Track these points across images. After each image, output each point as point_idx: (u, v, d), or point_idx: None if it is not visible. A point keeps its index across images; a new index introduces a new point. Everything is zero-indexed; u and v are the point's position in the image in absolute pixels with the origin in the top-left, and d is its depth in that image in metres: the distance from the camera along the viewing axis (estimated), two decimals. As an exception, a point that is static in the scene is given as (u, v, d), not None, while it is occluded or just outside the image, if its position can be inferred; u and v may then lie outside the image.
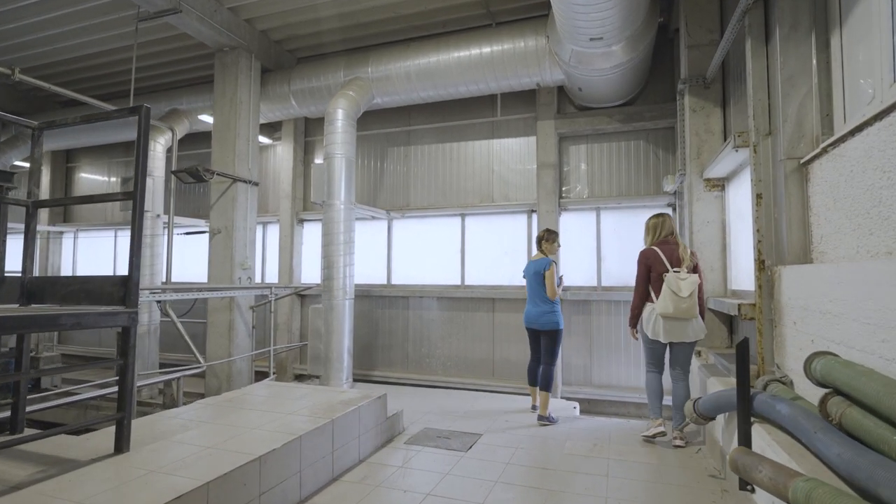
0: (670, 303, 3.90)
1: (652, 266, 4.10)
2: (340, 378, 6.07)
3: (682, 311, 3.91)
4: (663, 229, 4.21)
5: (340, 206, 6.21)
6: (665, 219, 4.25)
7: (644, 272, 4.15)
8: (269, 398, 3.92)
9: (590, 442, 4.11)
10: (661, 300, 3.95)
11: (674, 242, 4.15)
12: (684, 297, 3.89)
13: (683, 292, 3.90)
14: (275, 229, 8.58)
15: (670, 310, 3.91)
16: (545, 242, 5.05)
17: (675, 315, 3.92)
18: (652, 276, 4.10)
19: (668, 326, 3.96)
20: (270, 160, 8.79)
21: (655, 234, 4.24)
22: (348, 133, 6.32)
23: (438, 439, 4.15)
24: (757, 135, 3.52)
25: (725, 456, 3.34)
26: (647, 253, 4.17)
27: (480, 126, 7.42)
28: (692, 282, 3.93)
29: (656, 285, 4.06)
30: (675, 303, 3.90)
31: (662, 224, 4.23)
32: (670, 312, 3.91)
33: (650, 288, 4.14)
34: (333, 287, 6.14)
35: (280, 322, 8.09)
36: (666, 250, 4.09)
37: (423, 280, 7.63)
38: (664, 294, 3.94)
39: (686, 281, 3.93)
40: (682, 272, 3.99)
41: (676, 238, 4.20)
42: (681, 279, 3.94)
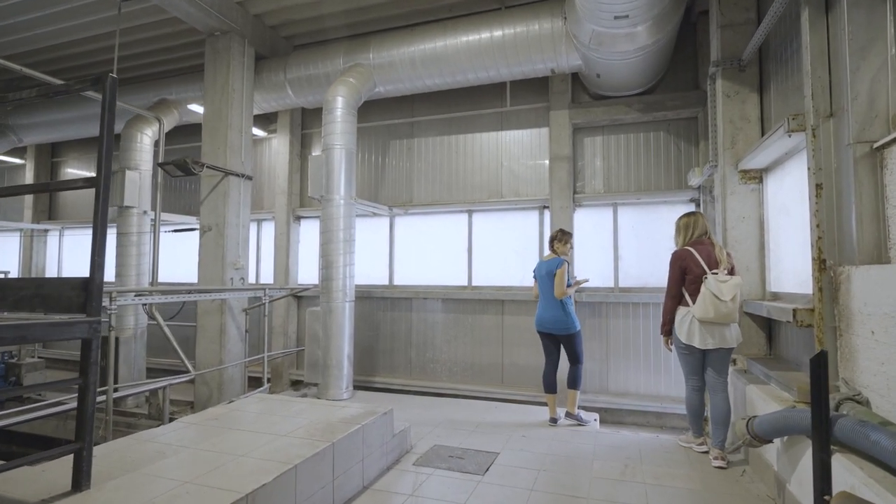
0: (711, 307, 3.59)
1: (687, 268, 3.78)
2: (340, 386, 5.63)
3: (723, 316, 3.61)
4: (696, 228, 3.91)
5: (340, 201, 5.76)
6: (698, 217, 3.95)
7: (678, 274, 3.83)
8: (260, 415, 3.48)
9: (620, 462, 3.68)
10: (701, 304, 3.63)
11: (709, 243, 3.84)
12: (726, 301, 3.59)
13: (726, 296, 3.59)
14: (270, 227, 8.13)
15: (711, 315, 3.60)
16: (557, 243, 4.91)
17: (715, 320, 3.62)
18: (687, 279, 3.78)
19: (707, 331, 3.67)
20: (265, 154, 8.34)
21: (688, 233, 3.93)
22: (348, 123, 5.88)
23: (451, 459, 3.72)
24: (816, 117, 3.09)
25: (784, 484, 2.92)
26: (681, 254, 3.84)
27: (489, 117, 6.98)
28: (735, 284, 3.64)
29: (691, 288, 3.76)
30: (717, 307, 3.59)
31: (695, 223, 3.92)
32: (711, 317, 3.61)
33: (684, 291, 3.81)
34: (332, 288, 5.70)
35: (276, 325, 7.64)
36: (701, 251, 3.78)
37: (428, 280, 7.20)
38: (704, 298, 3.63)
39: (728, 283, 3.62)
40: (721, 274, 3.68)
41: (711, 238, 3.90)
42: (721, 282, 3.62)
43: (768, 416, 2.78)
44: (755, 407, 3.51)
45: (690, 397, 3.92)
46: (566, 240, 4.89)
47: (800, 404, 3.08)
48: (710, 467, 3.57)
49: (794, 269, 3.80)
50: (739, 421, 3.04)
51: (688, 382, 3.92)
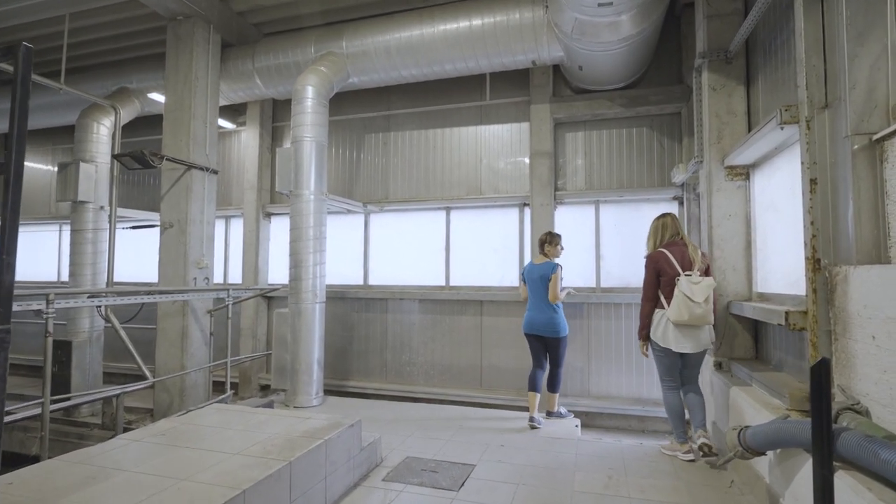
0: (684, 309, 3.59)
1: (661, 270, 3.80)
2: (309, 393, 5.32)
3: (696, 318, 3.60)
4: (668, 230, 3.95)
5: (310, 196, 5.45)
6: (670, 218, 3.99)
7: (653, 277, 3.85)
8: (215, 429, 3.16)
9: (603, 473, 3.48)
10: (674, 307, 3.63)
11: (682, 243, 3.87)
12: (699, 303, 3.58)
13: (698, 297, 3.58)
14: (239, 224, 7.75)
15: (685, 317, 3.60)
16: (548, 246, 4.94)
17: (689, 322, 3.62)
18: (662, 281, 3.80)
19: (681, 334, 3.67)
20: (234, 147, 7.95)
21: (658, 236, 3.98)
22: (319, 114, 5.57)
23: (424, 473, 3.46)
24: (811, 108, 2.92)
25: (778, 499, 2.74)
26: (655, 256, 3.86)
27: (467, 111, 6.73)
28: (707, 285, 3.63)
29: (666, 290, 3.76)
30: (690, 309, 3.58)
31: (666, 225, 3.96)
32: (685, 320, 3.60)
33: (660, 293, 3.83)
34: (301, 289, 5.38)
35: (244, 327, 7.28)
36: (675, 252, 3.80)
37: (404, 280, 6.92)
38: (677, 300, 3.63)
39: (700, 285, 3.62)
40: (694, 275, 3.68)
41: (685, 239, 3.92)
42: (694, 283, 3.63)
43: (762, 428, 2.59)
44: (743, 414, 3.34)
45: (668, 398, 3.89)
46: (556, 241, 4.93)
47: (793, 412, 2.92)
48: (697, 479, 3.39)
49: (783, 269, 3.65)
50: (730, 431, 2.85)
51: (663, 383, 3.92)
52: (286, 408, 5.25)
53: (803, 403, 2.95)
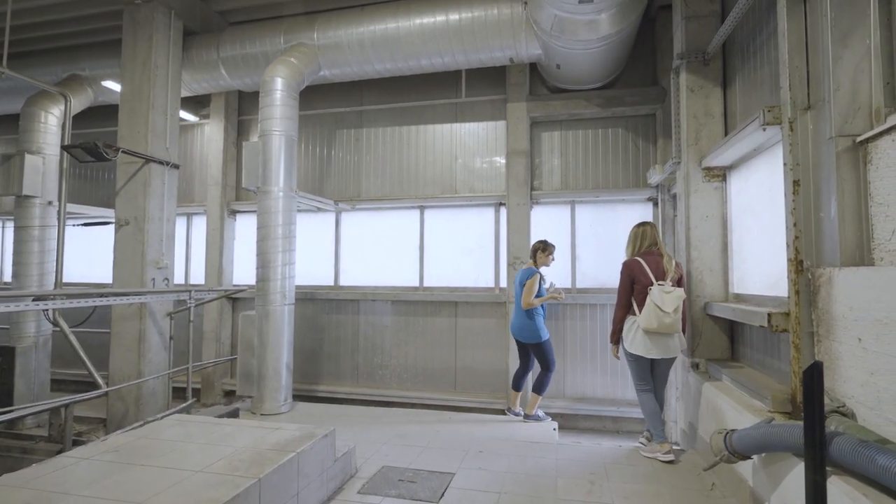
0: (654, 318, 3.68)
1: (636, 278, 3.88)
2: (277, 399, 5.07)
3: (665, 327, 3.69)
4: (645, 239, 4.01)
5: (279, 193, 5.20)
6: (647, 228, 4.05)
7: (628, 284, 3.93)
8: (174, 443, 2.92)
9: (585, 479, 3.40)
10: (645, 315, 3.73)
11: (658, 253, 3.95)
12: (668, 312, 3.66)
13: (668, 307, 3.67)
14: (201, 222, 7.38)
15: (654, 325, 3.69)
16: (540, 253, 5.04)
17: (659, 330, 3.71)
18: (635, 289, 3.88)
19: (651, 341, 3.78)
20: (196, 141, 7.56)
21: (636, 244, 4.04)
22: (289, 107, 5.32)
23: (401, 484, 3.30)
24: (794, 109, 2.91)
25: (764, 502, 2.71)
26: (630, 264, 3.94)
27: (442, 108, 6.60)
28: (677, 296, 3.72)
29: (639, 298, 3.85)
30: (659, 318, 3.67)
31: (644, 234, 4.03)
32: (654, 328, 3.70)
33: (633, 300, 3.92)
34: (269, 290, 5.13)
35: (207, 330, 6.93)
36: (650, 261, 3.89)
37: (377, 281, 6.73)
38: (648, 308, 3.72)
39: (671, 295, 3.70)
40: (666, 285, 3.76)
41: (661, 249, 3.99)
42: (665, 293, 3.70)
43: (750, 432, 2.55)
44: (724, 417, 3.32)
45: (644, 400, 3.97)
46: (549, 251, 5.02)
47: (776, 415, 2.92)
48: (678, 482, 3.35)
49: (760, 271, 3.66)
50: (716, 435, 2.81)
51: (637, 386, 4.01)
52: (252, 416, 4.98)
53: (785, 405, 2.95)
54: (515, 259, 5.97)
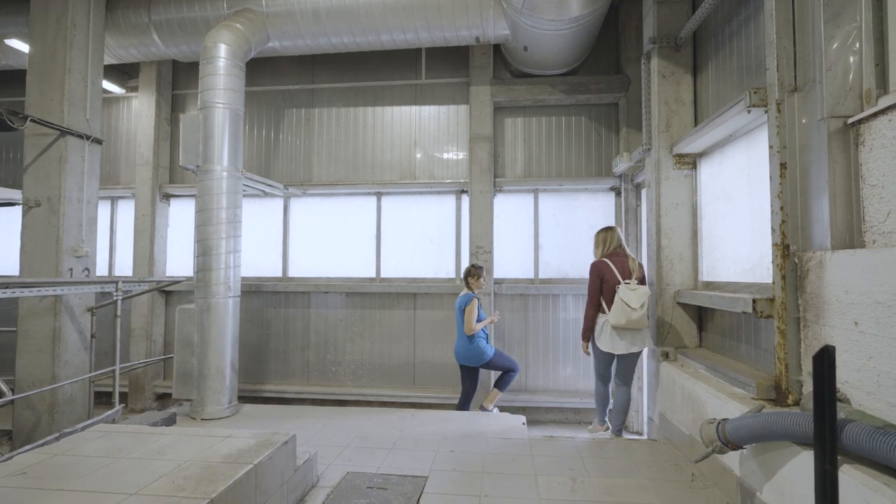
0: (622, 315, 3.93)
1: (604, 278, 4.10)
2: (220, 402, 4.57)
3: (633, 322, 3.93)
4: (612, 241, 4.25)
5: (222, 173, 4.67)
6: (614, 231, 4.30)
7: (597, 284, 4.13)
8: (102, 459, 2.44)
9: (565, 476, 3.23)
10: (614, 312, 3.97)
11: (623, 254, 4.20)
12: (636, 308, 3.92)
13: (634, 303, 3.92)
14: (129, 206, 6.61)
15: (622, 321, 3.94)
16: (471, 278, 4.95)
17: (627, 326, 3.96)
18: (604, 288, 4.11)
19: (619, 336, 4.02)
20: (122, 116, 6.76)
21: (605, 246, 4.26)
22: (234, 77, 4.79)
23: (370, 492, 2.98)
24: (781, 90, 2.85)
25: (754, 493, 2.64)
26: (598, 265, 4.16)
27: (401, 89, 6.25)
28: (643, 293, 3.97)
29: (607, 296, 4.08)
30: (627, 314, 3.92)
31: (612, 237, 4.27)
32: (622, 324, 3.95)
33: (602, 299, 4.13)
34: (211, 280, 4.60)
35: (136, 327, 6.22)
36: (616, 262, 4.13)
37: (329, 272, 6.30)
38: (617, 306, 3.96)
39: (637, 292, 3.95)
40: (632, 283, 4.02)
41: (625, 250, 4.25)
42: (631, 290, 3.96)
43: (747, 421, 2.45)
44: (704, 406, 3.26)
45: (600, 390, 4.37)
46: (478, 274, 4.92)
47: (761, 401, 2.86)
48: (658, 475, 3.26)
49: (735, 258, 3.64)
50: (706, 425, 2.70)
51: (597, 375, 4.33)
52: (193, 421, 4.46)
53: (770, 392, 2.91)
54: (478, 248, 5.76)
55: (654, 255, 4.35)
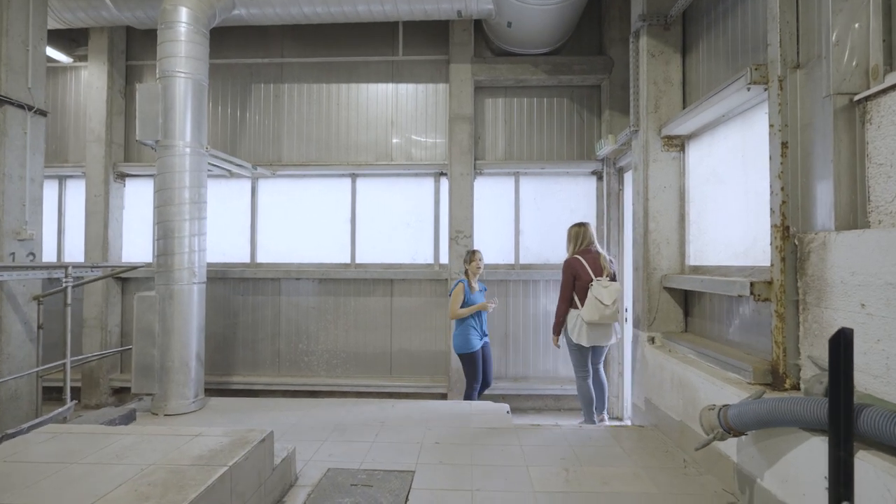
0: (596, 311, 4.07)
1: (578, 275, 4.21)
2: (185, 395, 4.26)
3: (605, 318, 4.09)
4: (585, 239, 4.34)
5: (185, 149, 4.30)
6: (587, 228, 4.39)
7: (570, 280, 4.24)
8: (51, 466, 2.15)
9: (557, 466, 3.12)
10: (588, 309, 4.10)
11: (595, 252, 4.31)
12: (608, 305, 4.07)
13: (607, 300, 4.07)
14: (79, 186, 6.09)
15: (596, 317, 4.08)
16: (465, 264, 4.83)
17: (600, 321, 4.10)
18: (577, 285, 4.22)
19: (592, 331, 4.16)
20: (70, 88, 6.20)
21: (577, 242, 4.35)
22: (198, 45, 4.40)
23: (355, 490, 2.79)
24: (783, 67, 2.76)
25: (754, 480, 2.58)
26: (572, 262, 4.26)
27: (377, 66, 5.95)
28: (615, 290, 4.13)
29: (580, 293, 4.21)
30: (601, 311, 4.06)
31: (585, 233, 4.35)
32: (595, 320, 4.09)
33: (575, 295, 4.25)
34: (174, 265, 4.25)
35: (89, 317, 5.76)
36: (589, 259, 4.24)
37: (301, 257, 5.99)
38: (591, 303, 4.09)
39: (609, 289, 4.10)
40: (604, 280, 4.17)
41: (596, 247, 4.37)
42: (604, 287, 4.10)
43: (752, 407, 2.37)
44: (697, 392, 3.20)
45: (582, 387, 4.35)
46: (468, 259, 4.76)
47: (761, 387, 2.81)
48: (651, 462, 3.19)
49: (726, 241, 3.58)
50: (706, 412, 2.62)
51: (578, 374, 4.35)
52: (155, 417, 4.14)
53: (766, 377, 2.85)
54: (458, 233, 5.57)
55: (640, 239, 4.27)
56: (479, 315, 4.68)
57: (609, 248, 5.55)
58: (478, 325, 4.69)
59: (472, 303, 4.63)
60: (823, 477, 2.08)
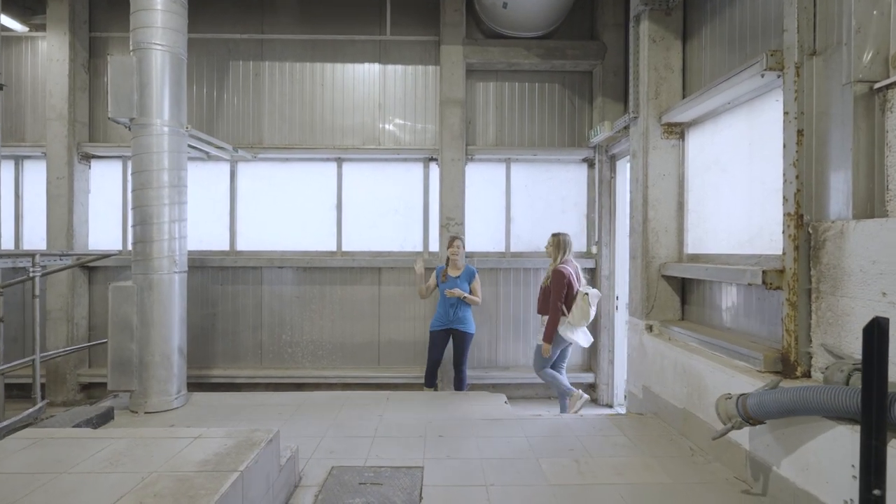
0: (583, 316, 4.30)
1: (570, 284, 4.36)
2: (168, 391, 4.01)
3: (587, 321, 4.34)
4: (568, 247, 4.48)
5: (163, 128, 4.00)
6: (567, 236, 4.52)
7: (564, 291, 4.32)
8: (34, 478, 1.94)
9: (567, 458, 3.07)
10: (577, 314, 4.30)
11: (572, 260, 4.52)
12: (593, 307, 4.33)
13: (593, 304, 4.34)
14: (38, 168, 5.64)
15: (583, 321, 4.32)
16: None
17: (584, 323, 4.35)
18: (569, 294, 4.36)
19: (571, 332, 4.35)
20: (26, 60, 5.70)
21: (562, 251, 4.45)
22: (175, 15, 4.07)
23: (364, 489, 2.66)
24: (800, 53, 2.73)
25: (770, 468, 2.59)
26: (565, 272, 4.37)
27: (364, 45, 5.70)
28: (595, 295, 4.38)
29: (569, 301, 4.36)
30: (588, 315, 4.31)
31: (566, 242, 4.48)
32: (582, 323, 4.33)
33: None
34: (153, 253, 3.97)
35: (54, 308, 5.37)
36: (572, 268, 4.45)
37: (284, 245, 5.74)
38: (580, 309, 4.30)
39: (591, 294, 4.34)
40: (583, 286, 4.42)
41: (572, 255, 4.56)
42: (587, 293, 4.32)
43: (774, 396, 2.36)
44: (705, 380, 3.20)
45: (551, 374, 4.49)
46: (450, 243, 4.79)
47: (771, 375, 2.82)
48: (659, 450, 3.19)
49: (728, 229, 3.58)
50: (723, 401, 2.61)
51: (546, 364, 4.47)
52: (134, 415, 3.88)
53: (776, 365, 2.86)
54: (449, 220, 5.44)
55: (639, 227, 4.25)
56: (447, 301, 4.68)
57: (601, 237, 5.53)
58: (443, 309, 4.72)
59: (442, 290, 4.71)
60: (851, 465, 2.09)
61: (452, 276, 4.73)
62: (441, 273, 4.78)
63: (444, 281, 4.73)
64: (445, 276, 4.74)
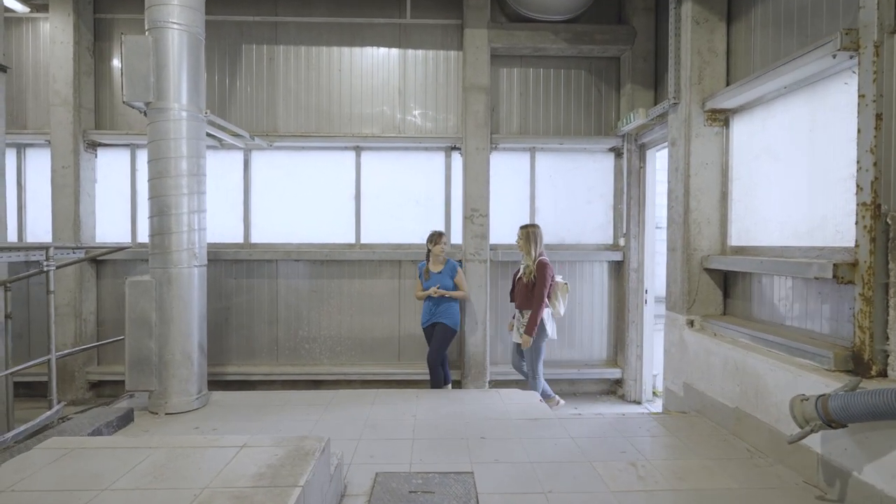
0: (563, 306, 4.39)
1: (553, 275, 4.35)
2: (188, 392, 3.82)
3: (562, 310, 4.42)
4: (539, 238, 4.39)
5: (181, 112, 3.76)
6: (538, 228, 4.45)
7: (549, 282, 4.28)
8: (76, 496, 1.75)
9: (621, 461, 2.92)
10: (560, 304, 4.37)
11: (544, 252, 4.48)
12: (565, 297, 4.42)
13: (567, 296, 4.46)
14: (42, 156, 5.38)
15: (562, 312, 4.40)
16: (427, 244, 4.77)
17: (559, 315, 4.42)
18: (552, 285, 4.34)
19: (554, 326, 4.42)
20: (27, 43, 5.42)
21: (534, 242, 4.36)
22: (192, -7, 3.82)
23: (416, 497, 2.49)
24: (880, 31, 2.56)
25: (849, 473, 2.44)
26: (548, 264, 4.32)
27: (383, 29, 5.46)
28: (564, 284, 4.44)
29: (551, 292, 4.34)
30: (564, 305, 4.41)
31: (539, 233, 4.40)
32: (561, 314, 4.41)
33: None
34: (172, 246, 3.76)
35: (61, 304, 5.12)
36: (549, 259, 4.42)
37: (301, 237, 5.54)
38: (561, 300, 4.37)
39: (566, 284, 4.45)
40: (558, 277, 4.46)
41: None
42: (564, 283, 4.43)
43: (862, 399, 2.20)
44: (762, 378, 3.04)
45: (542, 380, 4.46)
46: (435, 240, 4.63)
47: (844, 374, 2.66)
48: (714, 452, 3.04)
49: (782, 220, 3.41)
50: (800, 403, 2.45)
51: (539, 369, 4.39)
52: (155, 416, 3.68)
53: (847, 363, 2.71)
54: (473, 212, 5.25)
55: (679, 218, 4.08)
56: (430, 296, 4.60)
57: (629, 229, 5.36)
58: (427, 305, 4.68)
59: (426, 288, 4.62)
60: (958, 474, 1.95)
61: (434, 272, 4.65)
62: (423, 270, 4.69)
63: (427, 279, 4.64)
64: (428, 274, 4.65)
